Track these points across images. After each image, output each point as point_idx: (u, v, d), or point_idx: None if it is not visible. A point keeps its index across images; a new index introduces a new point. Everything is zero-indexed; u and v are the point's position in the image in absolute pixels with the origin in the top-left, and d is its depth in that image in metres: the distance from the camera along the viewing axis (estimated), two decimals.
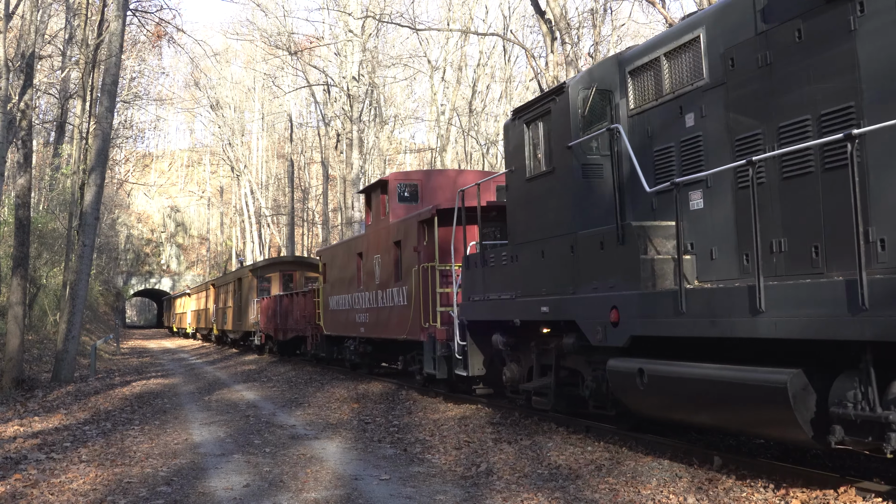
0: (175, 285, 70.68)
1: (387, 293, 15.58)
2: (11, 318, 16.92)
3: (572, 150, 8.90)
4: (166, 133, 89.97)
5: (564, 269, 8.91)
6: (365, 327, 16.94)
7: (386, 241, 15.69)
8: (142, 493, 7.28)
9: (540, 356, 10.23)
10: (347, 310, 18.24)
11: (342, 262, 19.21)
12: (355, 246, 18.06)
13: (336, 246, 20.59)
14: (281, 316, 25.39)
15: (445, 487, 7.41)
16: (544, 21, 22.82)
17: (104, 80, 19.05)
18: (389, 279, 15.48)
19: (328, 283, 20.33)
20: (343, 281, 18.87)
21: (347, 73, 34.40)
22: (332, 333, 19.90)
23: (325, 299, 20.46)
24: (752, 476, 6.96)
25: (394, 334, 15.14)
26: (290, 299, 24.51)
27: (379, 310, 16.01)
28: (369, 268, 16.77)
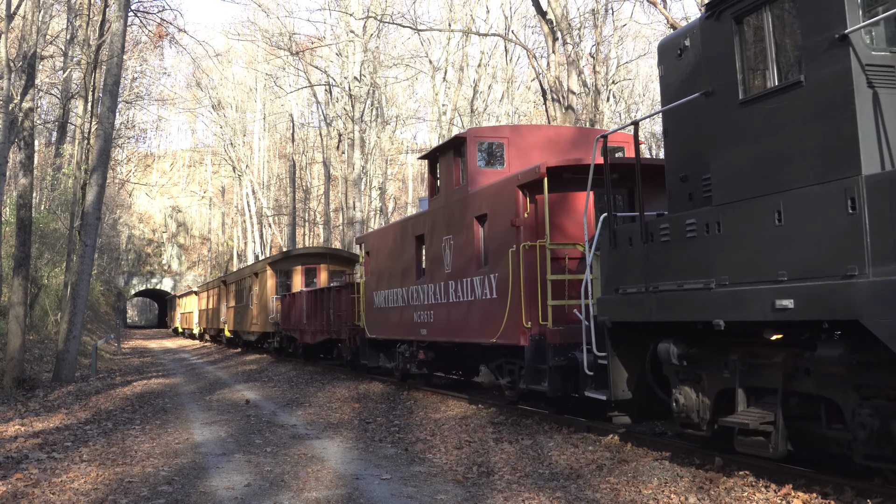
0: (176, 285, 70.70)
1: (464, 284, 12.24)
2: (13, 318, 16.93)
3: (848, 43, 5.64)
4: (168, 133, 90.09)
5: (834, 237, 5.68)
6: (428, 328, 13.61)
7: (462, 216, 12.32)
8: (143, 493, 7.28)
9: (747, 376, 7.01)
10: (401, 307, 15.05)
11: (393, 249, 15.81)
12: (413, 227, 14.61)
13: (384, 230, 17.19)
14: (308, 316, 22.30)
15: (446, 487, 7.41)
16: (546, 21, 22.82)
17: (106, 80, 19.06)
18: (468, 266, 12.11)
19: (373, 276, 17.02)
20: (394, 272, 15.60)
21: (349, 74, 34.41)
22: (377, 336, 16.63)
23: (367, 295, 17.22)
24: (753, 476, 6.96)
25: (475, 337, 11.83)
26: (320, 296, 21.38)
27: (450, 306, 12.68)
28: (435, 253, 13.37)
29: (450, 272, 12.82)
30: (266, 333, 28.03)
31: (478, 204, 11.92)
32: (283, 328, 25.06)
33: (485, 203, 11.70)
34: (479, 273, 11.78)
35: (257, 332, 29.29)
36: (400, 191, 66.40)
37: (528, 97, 49.28)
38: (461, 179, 12.73)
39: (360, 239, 18.81)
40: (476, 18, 39.57)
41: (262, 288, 28.15)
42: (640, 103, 47.13)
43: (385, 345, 16.89)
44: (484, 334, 11.49)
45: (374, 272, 17.10)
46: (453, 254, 12.77)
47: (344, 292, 19.24)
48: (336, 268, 27.01)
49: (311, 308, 21.93)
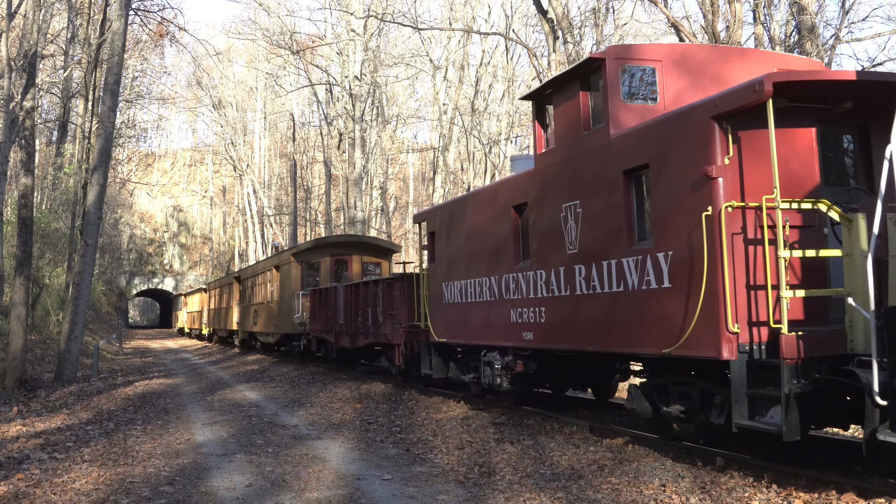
0: (178, 285, 70.74)
1: (603, 270, 8.84)
2: (14, 318, 16.93)
3: None
4: (169, 132, 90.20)
5: None
6: (535, 331, 10.32)
7: (599, 171, 8.96)
8: (144, 493, 7.28)
9: None
10: (488, 303, 11.65)
11: (474, 226, 12.21)
12: (508, 194, 11.14)
13: (457, 202, 13.21)
14: (346, 315, 18.74)
15: (448, 487, 7.40)
16: (546, 20, 22.81)
17: (106, 79, 19.06)
18: (612, 242, 8.71)
19: (440, 263, 13.46)
20: (476, 256, 12.08)
21: (350, 73, 34.40)
22: (449, 341, 13.09)
23: (433, 288, 13.73)
24: (754, 476, 6.96)
25: (626, 345, 8.46)
26: (363, 291, 17.86)
27: (577, 300, 9.34)
28: (547, 227, 10.01)
29: (575, 253, 9.36)
30: (289, 336, 24.73)
31: (629, 152, 8.46)
32: (311, 330, 21.89)
33: (643, 149, 8.22)
34: (632, 252, 8.34)
35: (278, 334, 25.93)
36: (401, 190, 66.40)
37: None
38: (594, 120, 9.25)
39: (421, 216, 14.85)
40: (477, 17, 39.59)
41: (284, 283, 24.84)
42: None
43: (459, 351, 13.43)
44: (643, 341, 8.13)
45: (442, 258, 13.39)
46: (581, 227, 9.25)
47: (397, 286, 15.73)
48: (370, 259, 23.92)
49: (351, 306, 18.41)
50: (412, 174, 65.91)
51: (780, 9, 21.95)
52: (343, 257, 24.06)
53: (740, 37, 17.20)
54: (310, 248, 24.60)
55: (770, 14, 21.03)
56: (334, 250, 24.14)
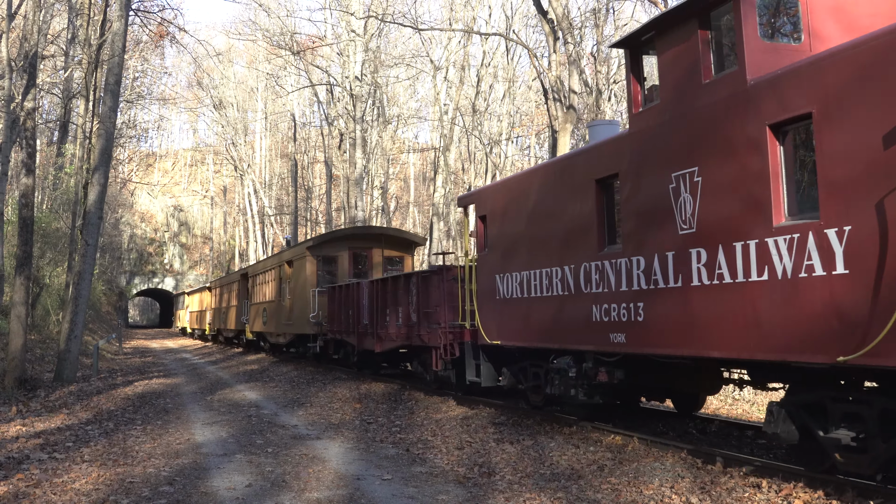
0: (178, 285, 70.74)
1: (734, 254, 7.04)
2: (14, 318, 16.93)
3: None
4: (169, 133, 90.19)
5: None
6: (629, 332, 8.46)
7: (726, 130, 7.17)
8: (144, 493, 7.28)
9: None
10: (559, 298, 9.78)
11: (539, 206, 10.38)
12: (589, 165, 9.33)
13: (514, 179, 11.38)
14: (373, 314, 16.76)
15: (448, 487, 7.40)
16: (547, 21, 22.81)
17: (107, 79, 19.07)
18: (750, 218, 6.92)
19: (493, 252, 11.57)
20: (542, 242, 10.26)
21: (350, 73, 34.42)
22: (505, 344, 11.17)
23: (484, 282, 11.83)
24: (754, 476, 6.95)
25: (776, 350, 6.67)
26: (393, 287, 15.79)
27: (692, 293, 7.52)
28: (646, 203, 8.22)
29: (691, 233, 7.54)
30: (303, 336, 22.68)
31: (778, 99, 6.68)
32: (329, 330, 20.09)
33: (803, 94, 6.45)
34: (782, 230, 6.58)
35: (290, 335, 23.94)
36: (402, 190, 66.42)
37: (530, 97, 49.31)
38: (720, 65, 7.49)
39: (468, 198, 12.83)
40: (477, 18, 39.60)
41: (297, 279, 22.96)
42: None
43: (515, 356, 11.62)
44: (801, 346, 6.40)
45: (496, 246, 11.49)
46: (701, 200, 7.45)
47: (434, 280, 13.71)
48: (392, 253, 21.95)
49: (377, 304, 16.44)
50: (413, 174, 65.93)
51: None
52: (363, 251, 21.93)
53: None
54: (326, 240, 22.19)
55: None
56: (353, 243, 21.95)
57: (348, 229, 24.05)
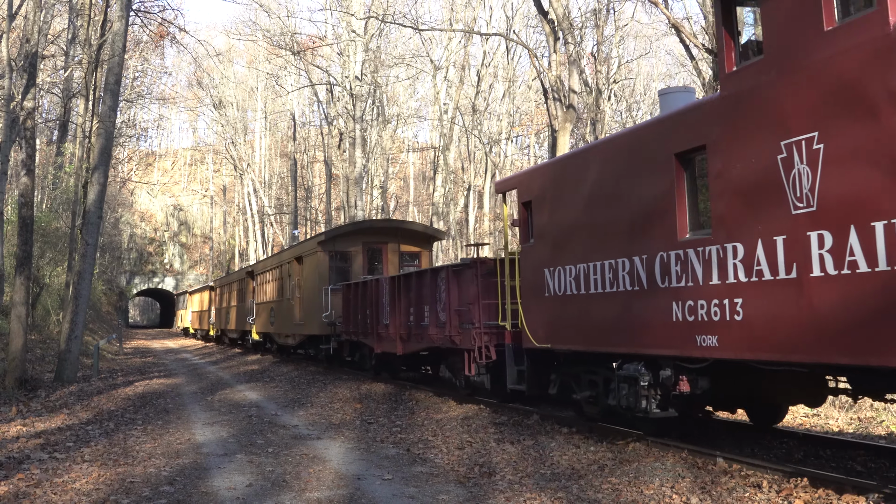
0: (178, 284, 70.75)
1: (873, 235, 5.86)
2: (14, 318, 16.93)
3: None
4: (169, 132, 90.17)
5: None
6: (723, 334, 7.19)
7: (858, 86, 6.02)
8: (145, 493, 7.29)
9: None
10: (627, 294, 8.52)
11: (600, 188, 9.07)
12: (663, 139, 8.05)
13: (570, 159, 10.03)
14: (392, 313, 15.46)
15: (448, 487, 7.41)
16: (547, 21, 22.82)
17: (107, 79, 19.07)
18: None
19: (542, 243, 10.25)
20: (603, 230, 8.99)
21: (350, 73, 34.42)
22: (559, 347, 9.91)
23: (530, 276, 10.53)
24: (754, 476, 6.96)
25: None
26: (417, 283, 14.41)
27: (811, 285, 6.33)
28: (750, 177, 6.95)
29: (810, 213, 6.33)
30: (315, 337, 21.33)
31: None
32: (344, 331, 18.81)
33: None
34: None
35: (300, 336, 22.60)
36: (401, 189, 66.44)
37: (530, 96, 49.32)
38: (847, 9, 6.30)
39: (508, 182, 11.51)
40: (478, 18, 39.61)
41: (307, 277, 21.58)
42: (642, 102, 47.14)
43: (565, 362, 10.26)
44: None
45: (545, 236, 10.20)
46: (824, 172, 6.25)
47: (468, 275, 12.34)
48: (409, 248, 20.79)
49: (399, 302, 15.09)
50: (412, 173, 65.93)
51: None
52: (377, 245, 20.69)
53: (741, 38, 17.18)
54: (339, 234, 20.72)
55: None
56: (367, 238, 20.64)
57: (362, 223, 22.84)
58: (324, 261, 20.29)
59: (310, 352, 22.89)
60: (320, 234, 21.31)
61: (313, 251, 20.95)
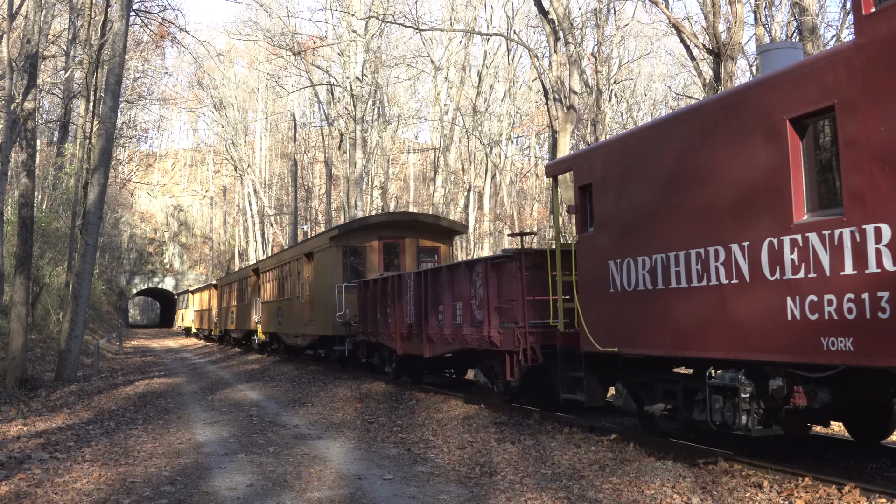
0: (178, 284, 70.79)
1: None
2: (15, 318, 16.94)
3: None
4: (169, 133, 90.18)
5: None
6: (859, 336, 5.97)
7: None
8: (145, 493, 7.29)
9: None
10: (721, 288, 7.25)
11: (685, 165, 7.79)
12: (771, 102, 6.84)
13: (641, 133, 8.67)
14: (418, 312, 14.20)
15: (449, 487, 7.41)
16: (548, 21, 22.83)
17: (108, 79, 19.08)
18: None
19: (606, 231, 8.98)
20: (689, 214, 7.70)
21: (351, 74, 34.43)
22: (629, 351, 8.60)
23: (589, 269, 9.29)
24: (755, 476, 6.96)
25: None
26: (444, 279, 13.21)
27: None
28: None
29: None
30: (328, 338, 20.02)
31: None
32: (360, 331, 17.65)
33: None
34: None
35: (311, 336, 21.46)
36: (401, 190, 66.46)
37: (530, 97, 49.35)
38: None
39: (560, 165, 10.30)
40: (478, 18, 39.63)
41: (319, 274, 20.46)
42: (642, 103, 47.16)
43: (633, 368, 9.04)
44: None
45: (609, 222, 8.93)
46: None
47: (510, 269, 10.97)
48: (428, 243, 19.49)
49: (428, 299, 13.84)
50: (413, 174, 65.96)
51: (781, 10, 21.99)
52: (394, 240, 19.41)
53: (741, 38, 17.22)
54: (353, 229, 19.56)
55: (771, 15, 21.07)
56: (383, 232, 19.41)
57: (378, 216, 21.60)
58: (336, 257, 19.17)
59: (319, 352, 21.83)
60: (333, 229, 20.14)
61: (325, 247, 19.90)
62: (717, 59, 16.73)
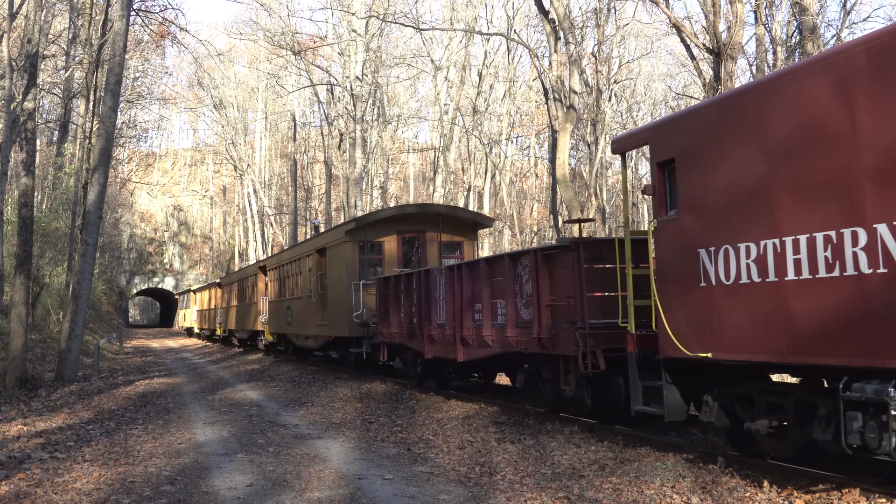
0: (178, 284, 70.80)
1: None
2: (15, 318, 16.94)
3: None
4: (169, 132, 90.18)
5: None
6: None
7: None
8: (145, 493, 7.29)
9: None
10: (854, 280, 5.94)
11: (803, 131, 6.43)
12: None
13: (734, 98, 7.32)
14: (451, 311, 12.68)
15: (449, 487, 7.41)
16: (548, 21, 22.82)
17: (108, 79, 19.08)
18: None
19: (690, 215, 7.66)
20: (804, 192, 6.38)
21: (351, 73, 34.43)
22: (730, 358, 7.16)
23: (672, 261, 7.92)
24: (755, 476, 6.96)
25: None
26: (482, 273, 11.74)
27: None
28: None
29: None
30: (343, 339, 18.49)
31: None
32: (381, 332, 15.86)
33: None
34: None
35: (323, 337, 20.03)
36: (401, 190, 66.48)
37: (530, 97, 49.34)
38: None
39: (631, 140, 8.97)
40: (479, 18, 39.63)
41: (333, 271, 19.16)
42: (642, 103, 47.16)
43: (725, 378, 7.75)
44: None
45: (697, 203, 7.58)
46: None
47: (567, 260, 9.63)
48: (450, 237, 18.20)
49: (462, 297, 12.38)
50: (412, 174, 65.98)
51: (781, 9, 22.00)
52: (414, 234, 18.13)
53: (742, 38, 17.22)
54: (370, 222, 18.07)
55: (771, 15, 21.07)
56: (402, 226, 18.10)
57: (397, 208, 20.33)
58: (353, 252, 17.79)
59: (332, 354, 20.25)
60: (349, 222, 18.57)
61: (340, 241, 18.40)
62: (717, 59, 16.72)
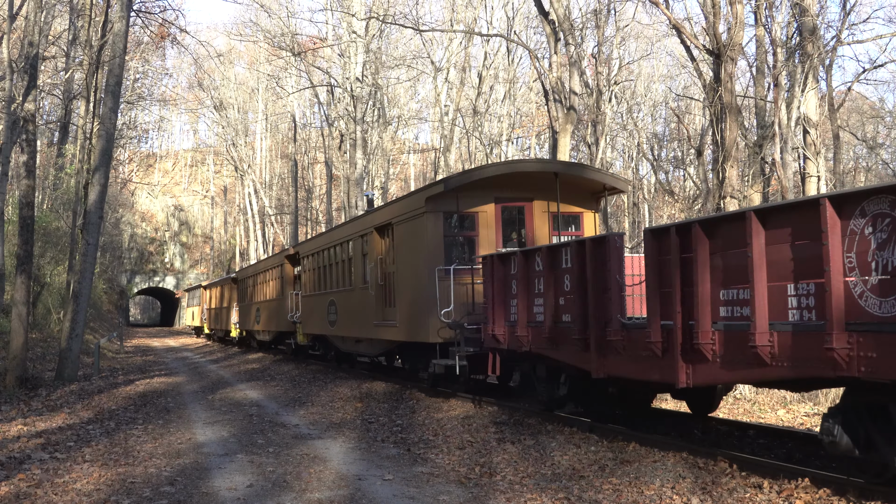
0: (179, 283, 70.87)
1: None
2: (15, 317, 16.95)
3: None
4: (170, 133, 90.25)
5: None
6: None
7: None
8: (145, 493, 7.29)
9: None
10: None
11: None
12: None
13: None
14: (654, 307, 7.73)
15: (449, 487, 7.41)
16: (548, 22, 22.83)
17: (108, 80, 19.09)
18: None
19: None
20: None
21: (351, 74, 34.43)
22: None
23: None
24: (755, 476, 6.96)
25: None
26: (720, 241, 6.99)
27: None
28: None
29: None
30: (420, 346, 13.89)
31: None
32: (495, 333, 11.18)
33: None
34: None
35: (388, 342, 15.68)
36: (402, 190, 66.48)
37: (530, 98, 49.32)
38: None
39: None
40: (479, 19, 39.63)
41: (403, 253, 14.32)
42: (642, 104, 47.15)
43: None
44: None
45: None
46: None
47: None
48: (569, 209, 13.59)
49: (681, 282, 7.36)
50: (413, 175, 66.00)
51: (781, 10, 21.98)
52: (518, 203, 13.44)
53: (742, 39, 17.21)
54: (459, 185, 12.89)
55: (771, 16, 21.05)
56: (502, 192, 13.30)
57: (498, 165, 14.56)
58: (436, 227, 13.05)
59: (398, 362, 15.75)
60: (433, 184, 13.68)
61: (415, 213, 13.54)
62: (717, 60, 16.69)
